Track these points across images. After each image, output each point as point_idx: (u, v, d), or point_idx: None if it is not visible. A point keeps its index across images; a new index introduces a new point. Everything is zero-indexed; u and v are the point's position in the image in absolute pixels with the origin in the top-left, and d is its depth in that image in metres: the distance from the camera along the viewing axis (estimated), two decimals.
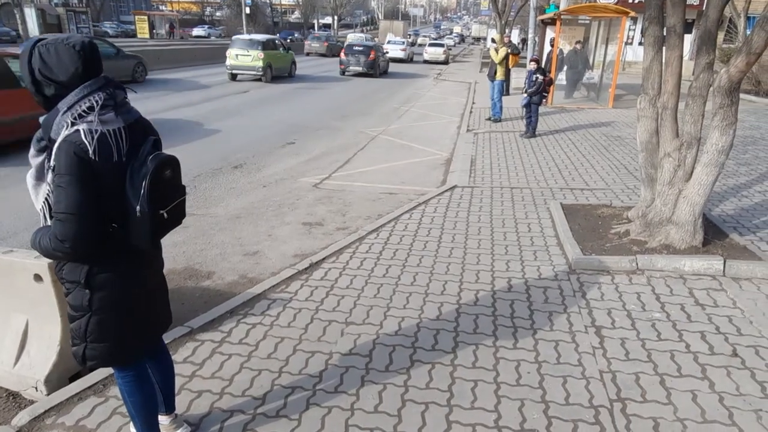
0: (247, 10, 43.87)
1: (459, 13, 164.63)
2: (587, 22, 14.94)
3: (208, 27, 52.20)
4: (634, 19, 19.25)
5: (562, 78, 14.63)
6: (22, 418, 2.61)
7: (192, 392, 2.83)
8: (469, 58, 39.51)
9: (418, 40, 43.83)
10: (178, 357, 3.09)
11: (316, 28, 63.62)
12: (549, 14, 16.52)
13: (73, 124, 1.80)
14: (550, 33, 16.22)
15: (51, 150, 1.81)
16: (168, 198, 1.96)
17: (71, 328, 2.02)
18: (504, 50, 11.53)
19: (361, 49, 23.44)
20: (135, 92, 2.14)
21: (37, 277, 2.77)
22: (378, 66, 23.84)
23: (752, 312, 3.69)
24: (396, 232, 5.14)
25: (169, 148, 9.53)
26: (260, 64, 18.64)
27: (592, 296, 3.92)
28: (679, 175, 4.57)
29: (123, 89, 1.98)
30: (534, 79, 9.82)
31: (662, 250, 4.52)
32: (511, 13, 27.92)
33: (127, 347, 2.09)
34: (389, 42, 33.91)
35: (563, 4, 17.21)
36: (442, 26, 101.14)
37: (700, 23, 4.54)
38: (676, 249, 4.50)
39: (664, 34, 4.83)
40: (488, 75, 11.86)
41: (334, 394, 2.84)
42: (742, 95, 5.69)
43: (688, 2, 5.19)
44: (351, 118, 12.54)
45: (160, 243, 2.18)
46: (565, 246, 4.72)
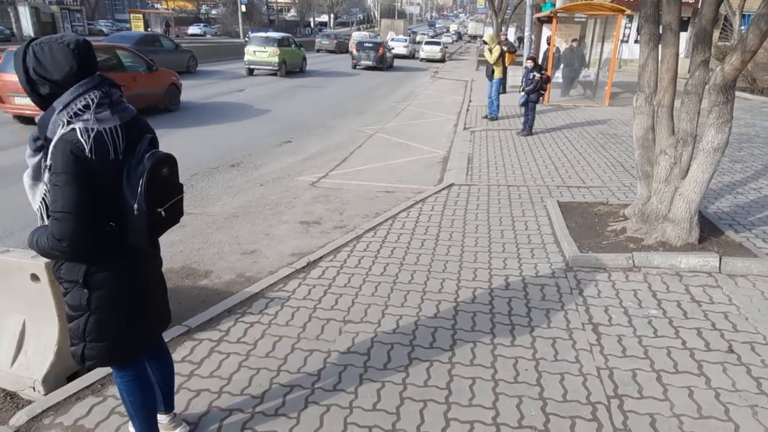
0: (243, 8, 43.74)
1: (455, 11, 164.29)
2: (583, 20, 14.98)
3: (204, 25, 52.02)
4: (630, 17, 19.29)
5: (558, 76, 14.66)
6: (20, 418, 2.60)
7: (190, 391, 2.83)
8: (465, 56, 39.50)
9: (417, 38, 44.80)
10: (176, 356, 3.09)
11: (312, 25, 63.55)
12: (545, 12, 16.55)
13: (69, 123, 1.79)
14: (546, 31, 16.24)
15: (47, 149, 1.81)
16: (165, 196, 1.96)
17: (70, 328, 2.01)
18: (498, 49, 11.51)
19: (370, 45, 25.80)
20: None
21: (34, 277, 2.76)
22: (386, 60, 26.03)
23: (748, 308, 3.71)
24: (393, 231, 5.14)
25: (229, 122, 10.49)
26: (276, 59, 20.00)
27: (589, 293, 3.93)
28: (675, 173, 4.58)
29: (118, 87, 1.96)
30: (531, 78, 9.82)
31: (659, 247, 4.53)
32: (508, 11, 27.95)
33: (126, 346, 2.08)
34: (393, 39, 35.73)
35: (559, 2, 17.21)
36: (437, 25, 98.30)
37: (696, 21, 4.55)
38: (673, 246, 4.52)
39: (660, 31, 4.84)
40: (486, 74, 11.84)
41: (333, 392, 2.84)
42: (737, 93, 5.72)
43: (684, 0, 5.20)
44: (347, 117, 12.53)
45: (158, 241, 2.18)
46: (562, 243, 4.73)
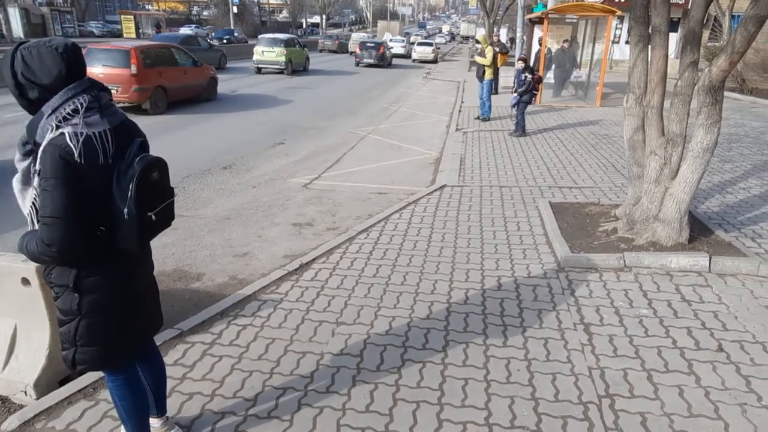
0: (235, 9, 43.64)
1: (447, 12, 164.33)
2: (574, 21, 15.06)
3: (195, 26, 51.76)
4: (621, 18, 19.40)
5: (550, 77, 14.73)
6: (12, 422, 2.59)
7: (183, 394, 2.82)
8: (457, 57, 39.58)
9: (411, 39, 45.64)
10: (168, 359, 3.08)
11: (304, 27, 63.47)
12: (536, 13, 16.61)
13: (58, 127, 1.78)
14: (538, 32, 16.30)
15: (36, 154, 1.80)
16: (156, 200, 1.96)
17: (61, 333, 2.00)
18: (491, 50, 11.56)
19: (372, 45, 29.04)
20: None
21: (25, 281, 2.75)
22: (386, 58, 29.13)
23: (737, 307, 3.75)
24: (386, 232, 5.15)
25: (262, 108, 11.98)
26: (283, 59, 21.82)
27: (580, 294, 3.96)
28: (665, 173, 4.62)
29: (108, 91, 1.95)
30: (523, 79, 9.85)
31: (649, 247, 4.57)
32: (499, 12, 28.04)
33: (118, 351, 2.08)
34: (391, 40, 37.97)
35: (551, 3, 17.32)
36: (427, 26, 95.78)
37: (685, 22, 4.59)
38: (663, 246, 4.55)
39: (650, 32, 4.88)
40: (477, 75, 11.88)
41: (326, 394, 2.85)
42: (726, 93, 5.77)
43: (674, 1, 5.24)
44: (339, 118, 12.54)
45: (149, 245, 2.18)
46: (553, 244, 4.76)
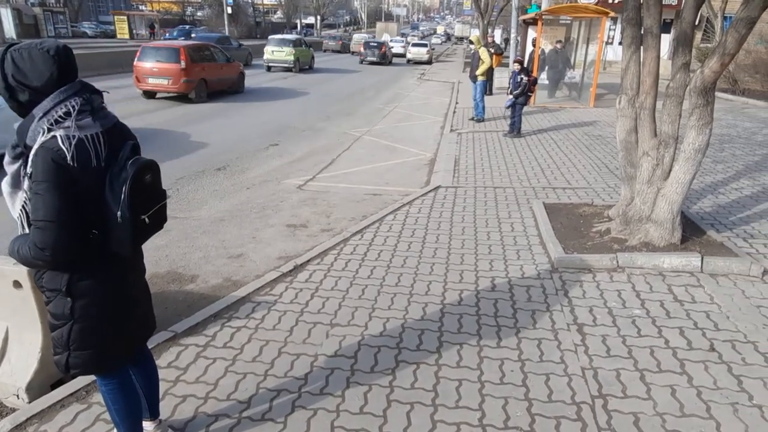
0: (229, 10, 43.53)
1: (442, 13, 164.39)
2: (568, 22, 15.10)
3: (190, 27, 51.63)
4: (614, 20, 19.49)
5: (543, 78, 14.77)
6: (4, 426, 2.58)
7: (176, 397, 2.81)
8: (452, 58, 39.67)
9: (407, 39, 46.24)
10: (161, 362, 3.07)
11: (299, 28, 63.39)
12: (530, 14, 16.68)
13: (49, 130, 1.77)
14: (532, 33, 16.38)
15: (27, 157, 1.78)
16: (149, 203, 1.95)
17: (53, 337, 1.99)
18: (485, 51, 11.60)
19: (375, 45, 32.17)
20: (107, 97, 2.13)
21: (17, 284, 2.73)
22: (387, 57, 32.13)
23: (729, 307, 3.78)
24: (380, 234, 5.15)
25: (286, 99, 13.87)
26: (291, 58, 23.77)
27: (574, 294, 3.97)
28: (658, 174, 4.65)
29: (100, 93, 1.94)
30: (519, 80, 9.88)
31: (642, 247, 4.59)
32: (494, 13, 28.11)
33: (110, 355, 2.07)
34: (392, 40, 40.42)
35: (545, 5, 17.38)
36: (420, 27, 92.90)
37: (677, 24, 4.62)
38: (656, 246, 4.58)
39: (642, 33, 4.91)
40: (470, 76, 11.91)
41: (320, 396, 2.85)
42: (718, 94, 5.81)
43: (666, 2, 5.27)
44: (335, 119, 12.54)
45: (141, 248, 2.17)
46: (547, 245, 4.78)
